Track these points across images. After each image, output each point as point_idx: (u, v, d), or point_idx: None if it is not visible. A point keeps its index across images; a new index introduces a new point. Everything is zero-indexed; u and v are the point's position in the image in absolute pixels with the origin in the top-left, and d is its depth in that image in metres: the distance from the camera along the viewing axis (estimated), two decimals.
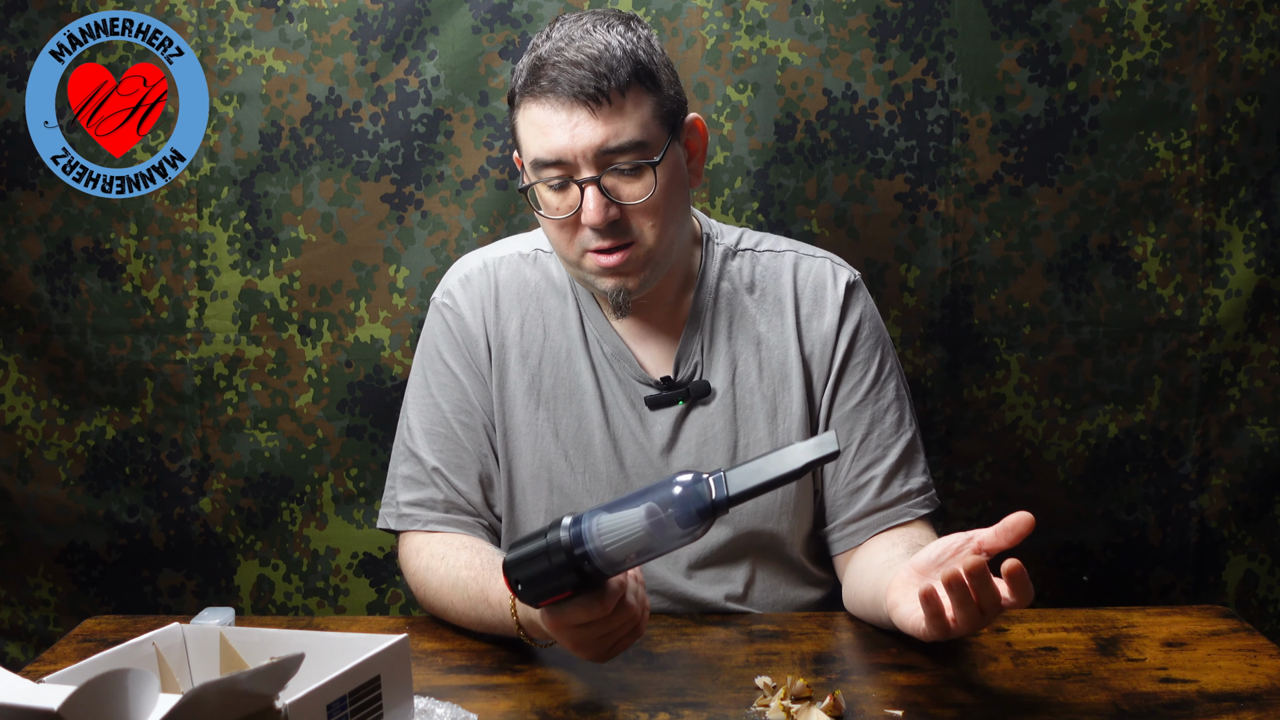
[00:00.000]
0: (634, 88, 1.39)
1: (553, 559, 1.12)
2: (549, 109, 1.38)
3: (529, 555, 1.14)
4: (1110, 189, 1.99)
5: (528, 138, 1.41)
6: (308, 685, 0.93)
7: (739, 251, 1.58)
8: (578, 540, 1.12)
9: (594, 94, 1.37)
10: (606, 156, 1.38)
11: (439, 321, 1.56)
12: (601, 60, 1.38)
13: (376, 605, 2.07)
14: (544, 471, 1.53)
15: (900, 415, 1.55)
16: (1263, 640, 1.38)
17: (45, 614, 2.10)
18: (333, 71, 1.97)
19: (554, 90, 1.37)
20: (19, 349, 2.05)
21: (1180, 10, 1.95)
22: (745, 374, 1.53)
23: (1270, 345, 2.03)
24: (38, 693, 0.90)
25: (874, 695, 1.25)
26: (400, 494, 1.54)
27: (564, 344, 1.54)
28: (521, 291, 1.55)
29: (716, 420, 1.52)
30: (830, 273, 1.57)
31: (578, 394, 1.53)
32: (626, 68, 1.38)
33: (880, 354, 1.56)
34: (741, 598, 1.54)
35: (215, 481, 2.05)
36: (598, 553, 1.12)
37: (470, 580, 1.39)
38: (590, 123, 1.37)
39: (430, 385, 1.55)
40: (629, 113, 1.39)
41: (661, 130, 1.42)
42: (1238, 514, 2.06)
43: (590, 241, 1.42)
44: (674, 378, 1.52)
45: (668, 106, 1.44)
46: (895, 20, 1.96)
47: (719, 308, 1.55)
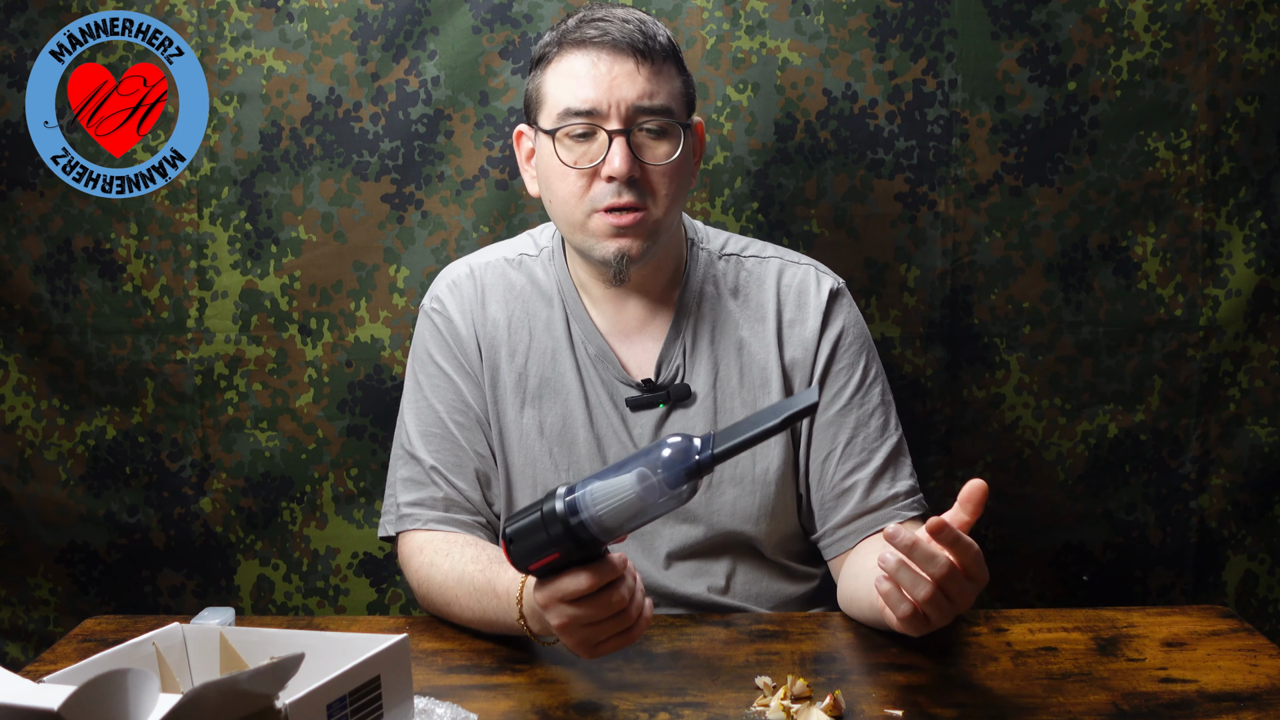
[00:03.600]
0: (671, 62, 1.48)
1: (549, 530, 1.14)
2: (593, 56, 1.44)
3: (528, 527, 1.15)
4: (1110, 189, 1.99)
5: (560, 88, 1.46)
6: (308, 685, 0.94)
7: (724, 256, 1.60)
8: (573, 509, 1.13)
9: (644, 49, 1.44)
10: (638, 113, 1.44)
11: (429, 326, 1.58)
12: (647, 24, 1.46)
13: (376, 605, 2.07)
14: (529, 469, 1.54)
15: (885, 420, 1.56)
16: (1263, 640, 1.39)
17: (45, 614, 2.10)
18: (333, 71, 1.97)
19: (604, 38, 1.43)
20: (19, 349, 2.05)
21: (1180, 10, 1.95)
22: (726, 378, 1.54)
23: (1270, 345, 2.03)
24: (38, 693, 0.90)
25: (874, 695, 1.25)
26: (400, 495, 1.55)
27: (549, 344, 1.55)
28: (507, 294, 1.57)
29: (697, 423, 1.53)
30: (814, 280, 1.58)
31: (562, 393, 1.54)
32: (667, 45, 1.48)
33: (865, 360, 1.57)
34: (724, 589, 1.55)
35: (215, 481, 2.05)
36: (593, 520, 1.13)
37: (477, 573, 1.40)
38: (633, 76, 1.43)
39: (424, 388, 1.56)
40: (666, 79, 1.46)
41: (684, 110, 1.49)
42: (1238, 514, 2.06)
43: (603, 199, 1.44)
44: (655, 380, 1.54)
45: (689, 92, 1.52)
46: (895, 20, 1.96)
47: (702, 311, 1.56)
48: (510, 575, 1.34)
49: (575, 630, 1.19)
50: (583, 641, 1.21)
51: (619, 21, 1.45)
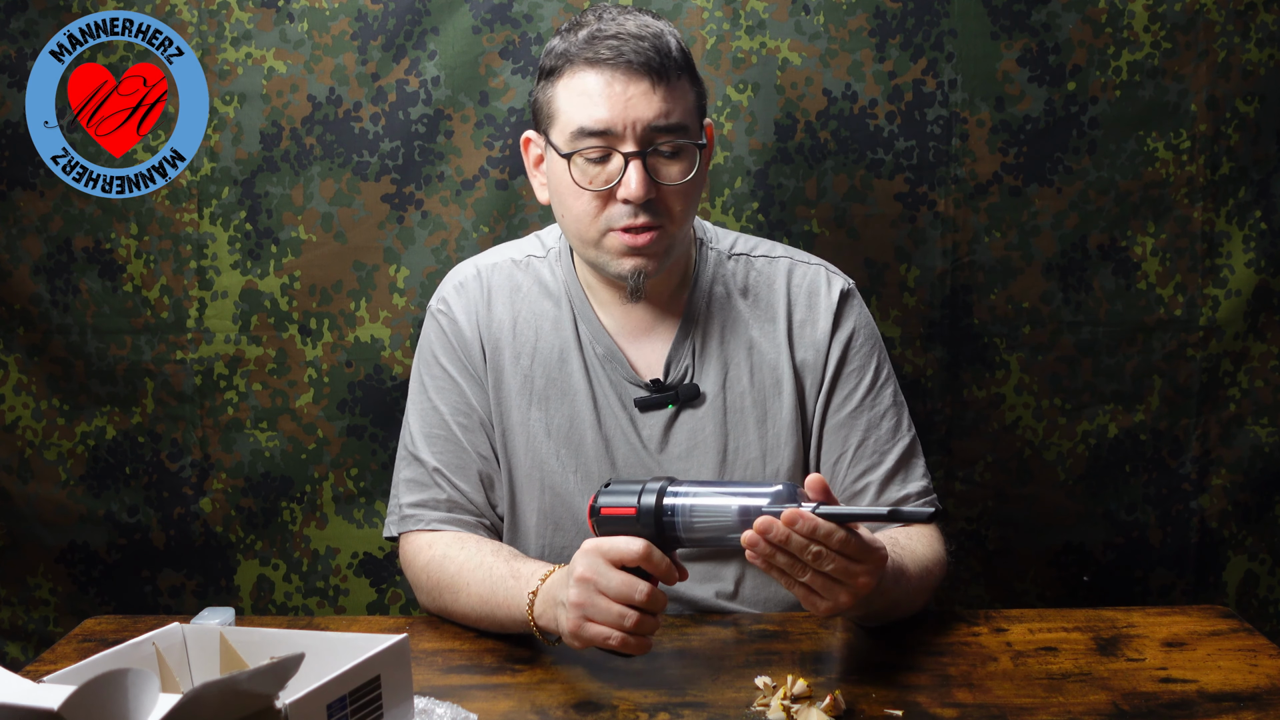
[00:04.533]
0: (685, 76, 1.45)
1: (641, 523, 1.23)
2: (607, 76, 1.40)
3: (620, 519, 1.24)
4: (1110, 189, 1.99)
5: (573, 106, 1.42)
6: (308, 685, 0.93)
7: (734, 256, 1.59)
8: (669, 511, 1.23)
9: (659, 68, 1.41)
10: (653, 134, 1.41)
11: (434, 328, 1.58)
12: (661, 39, 1.43)
13: (376, 605, 2.07)
14: (536, 471, 1.54)
15: (897, 421, 1.55)
16: (1263, 640, 1.39)
17: (45, 614, 2.10)
18: (333, 71, 1.97)
19: (618, 58, 1.40)
20: (19, 349, 2.05)
21: (1180, 10, 1.95)
22: (736, 378, 1.54)
23: (1270, 345, 2.03)
24: (38, 693, 0.90)
25: (874, 695, 1.25)
26: (403, 497, 1.55)
27: (557, 344, 1.54)
28: (514, 295, 1.57)
29: (706, 424, 1.53)
30: (824, 280, 1.58)
31: (569, 394, 1.53)
32: (680, 55, 1.44)
33: (876, 361, 1.57)
34: (732, 595, 1.55)
35: (215, 481, 2.05)
36: (684, 526, 1.22)
37: (498, 563, 1.41)
38: (648, 96, 1.40)
39: (428, 390, 1.56)
40: (680, 96, 1.44)
41: (698, 122, 1.47)
42: (1238, 514, 2.06)
43: (619, 219, 1.43)
44: (664, 380, 1.53)
45: (701, 103, 1.49)
46: (895, 20, 1.96)
47: (712, 312, 1.55)
48: (533, 565, 1.37)
49: (587, 593, 1.22)
50: (582, 614, 1.22)
51: (632, 39, 1.40)
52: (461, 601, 1.43)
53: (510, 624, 1.38)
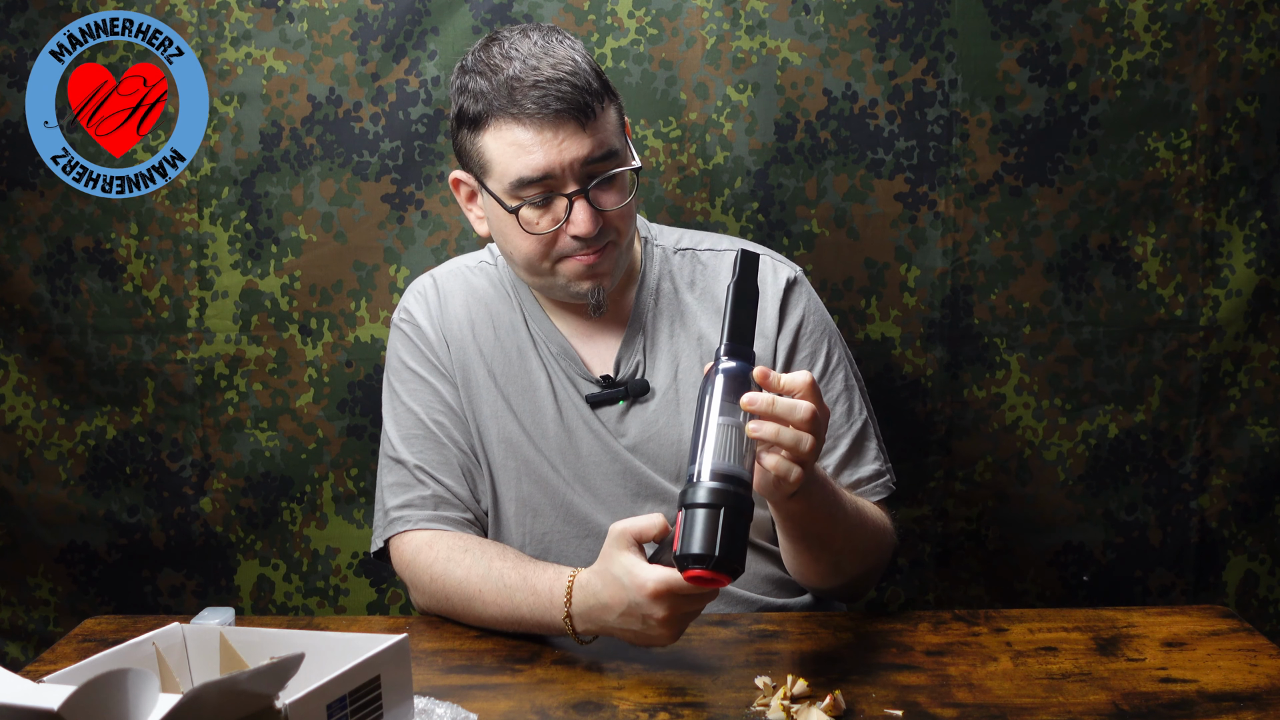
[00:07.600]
0: (604, 98, 1.45)
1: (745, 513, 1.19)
2: (535, 128, 1.41)
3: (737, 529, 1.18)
4: (1110, 189, 1.99)
5: (506, 158, 1.44)
6: (308, 685, 0.94)
7: (680, 251, 1.62)
8: (722, 480, 1.20)
9: (582, 108, 1.41)
10: (590, 167, 1.44)
11: (399, 336, 1.61)
12: (578, 75, 1.43)
13: (376, 605, 2.07)
14: (511, 460, 1.56)
15: (849, 405, 1.57)
16: (1263, 640, 1.38)
17: (45, 614, 2.10)
18: (333, 72, 1.97)
19: (543, 109, 1.41)
20: (19, 349, 2.05)
21: (1180, 10, 1.95)
22: (688, 370, 1.56)
23: (1270, 345, 2.03)
24: (38, 693, 0.90)
25: (874, 695, 1.25)
26: (387, 501, 1.56)
27: (514, 344, 1.58)
28: (469, 297, 1.60)
29: (660, 416, 1.55)
30: (770, 270, 1.59)
31: (531, 390, 1.57)
32: (595, 80, 1.45)
33: (826, 346, 1.59)
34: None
35: (215, 481, 2.05)
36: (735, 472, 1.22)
37: (508, 570, 1.40)
38: (578, 137, 1.42)
39: (400, 395, 1.59)
40: (605, 122, 1.45)
41: (623, 137, 1.49)
42: (1238, 514, 2.06)
43: (571, 249, 1.47)
44: (614, 376, 1.56)
45: (621, 115, 1.51)
46: (895, 20, 1.96)
47: (660, 307, 1.58)
48: (549, 574, 1.36)
49: (677, 620, 1.25)
50: (679, 628, 1.26)
51: (549, 84, 1.40)
52: (476, 609, 1.43)
53: (537, 630, 1.39)
